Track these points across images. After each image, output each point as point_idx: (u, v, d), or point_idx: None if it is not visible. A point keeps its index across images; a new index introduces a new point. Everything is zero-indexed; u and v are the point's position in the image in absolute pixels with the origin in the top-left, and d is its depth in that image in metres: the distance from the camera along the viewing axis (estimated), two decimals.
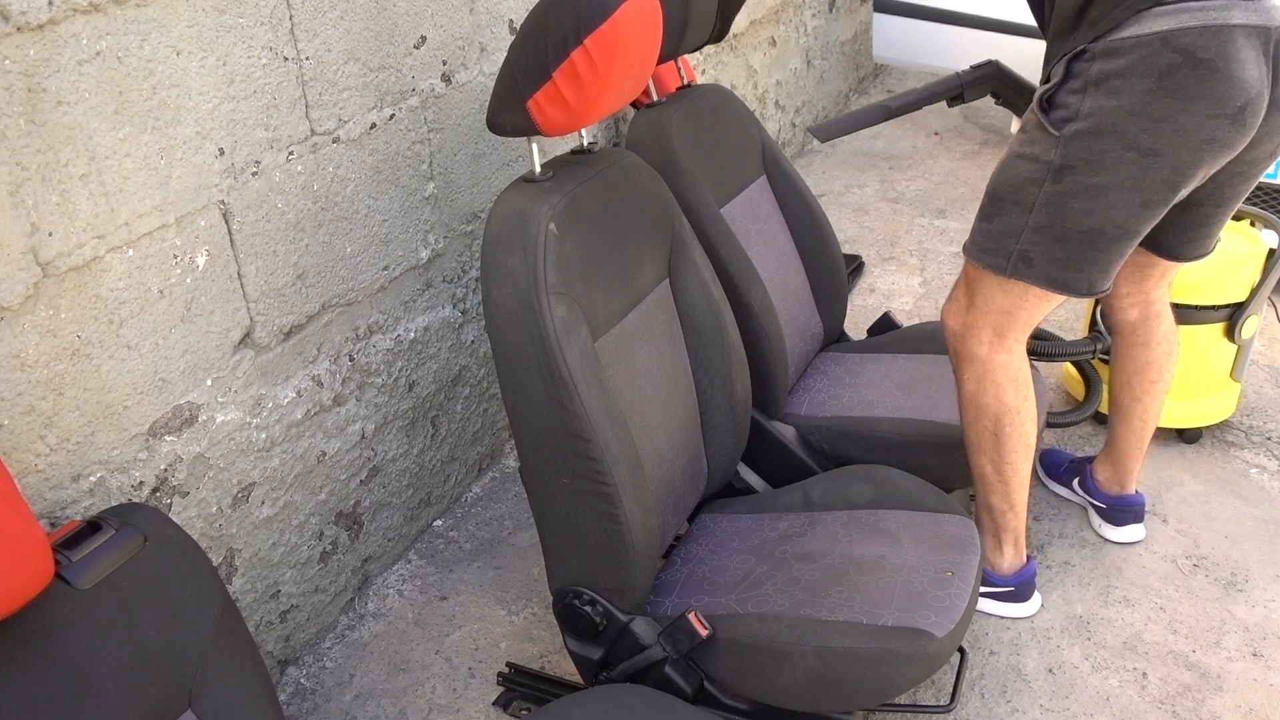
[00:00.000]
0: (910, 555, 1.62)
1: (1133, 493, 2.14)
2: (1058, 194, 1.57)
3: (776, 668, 1.51)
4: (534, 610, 2.06)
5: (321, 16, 1.72)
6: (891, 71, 5.23)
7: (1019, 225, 1.62)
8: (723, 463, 1.87)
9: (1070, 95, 1.54)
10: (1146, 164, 1.51)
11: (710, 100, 2.12)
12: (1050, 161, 1.56)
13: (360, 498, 2.04)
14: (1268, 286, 2.26)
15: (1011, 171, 1.63)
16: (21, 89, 1.28)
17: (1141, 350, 1.98)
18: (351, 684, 1.91)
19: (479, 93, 2.15)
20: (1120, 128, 1.50)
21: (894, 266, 3.40)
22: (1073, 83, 1.53)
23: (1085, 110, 1.52)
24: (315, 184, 1.78)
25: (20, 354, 1.34)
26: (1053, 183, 1.57)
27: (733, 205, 2.11)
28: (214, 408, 1.66)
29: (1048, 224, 1.59)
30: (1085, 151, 1.53)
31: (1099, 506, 2.17)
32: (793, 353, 2.18)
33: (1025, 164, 1.60)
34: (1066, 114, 1.54)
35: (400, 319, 2.07)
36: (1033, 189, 1.59)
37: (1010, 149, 1.65)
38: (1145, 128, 1.49)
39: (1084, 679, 1.85)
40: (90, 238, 1.40)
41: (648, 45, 1.51)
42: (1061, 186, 1.56)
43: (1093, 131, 1.52)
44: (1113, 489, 2.15)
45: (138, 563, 1.16)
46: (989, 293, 1.71)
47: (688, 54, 2.12)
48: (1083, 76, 1.52)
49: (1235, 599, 2.01)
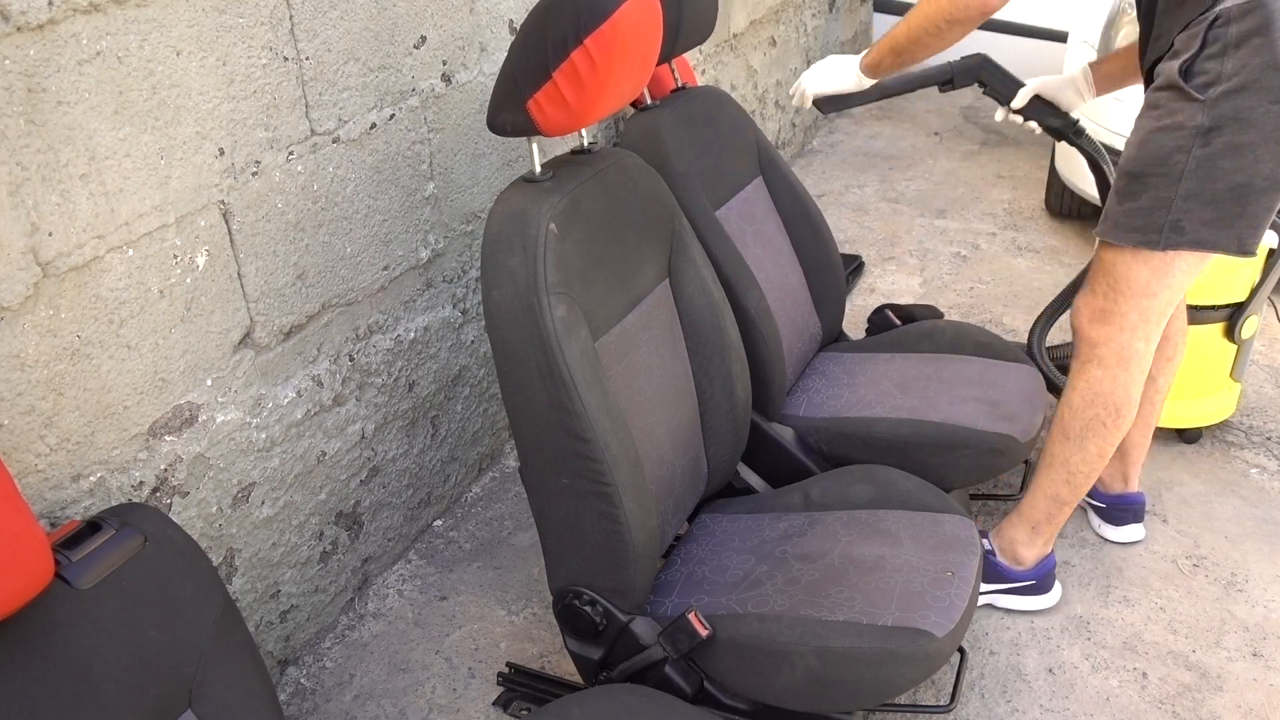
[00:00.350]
0: (910, 555, 1.62)
1: (1135, 491, 2.14)
2: (1206, 157, 1.60)
3: (776, 668, 1.51)
4: (534, 610, 2.06)
5: (321, 16, 1.72)
6: None
7: (1168, 196, 1.64)
8: (723, 463, 1.87)
9: (1209, 61, 1.57)
10: None
11: (705, 102, 2.12)
12: (1198, 126, 1.59)
13: (360, 498, 2.04)
14: (1268, 286, 2.26)
15: (1154, 145, 1.64)
16: (21, 89, 1.28)
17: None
18: (351, 684, 1.91)
19: (479, 93, 2.15)
20: (1266, 82, 1.54)
21: (894, 266, 3.40)
22: (1211, 48, 1.56)
23: (1228, 71, 1.55)
24: (315, 184, 1.78)
25: (20, 354, 1.34)
26: (1201, 146, 1.60)
27: (728, 207, 2.11)
28: (214, 408, 1.66)
29: (1198, 189, 1.62)
30: (1233, 110, 1.56)
31: (1098, 507, 2.17)
32: (790, 353, 2.18)
33: (1169, 135, 1.63)
34: (1209, 78, 1.57)
35: (400, 319, 2.07)
36: (1180, 156, 1.62)
37: (1143, 129, 1.67)
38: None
39: (1084, 679, 1.85)
40: (90, 238, 1.40)
41: (648, 45, 1.51)
42: (1210, 149, 1.59)
43: (1239, 89, 1.55)
44: (1115, 487, 2.14)
45: (138, 563, 1.16)
46: (1134, 275, 1.72)
47: (683, 55, 2.12)
48: (1220, 41, 1.55)
49: (1235, 599, 2.01)
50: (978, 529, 1.93)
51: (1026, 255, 3.44)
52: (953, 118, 4.69)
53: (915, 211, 3.81)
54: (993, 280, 3.29)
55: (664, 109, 2.01)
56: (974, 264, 3.40)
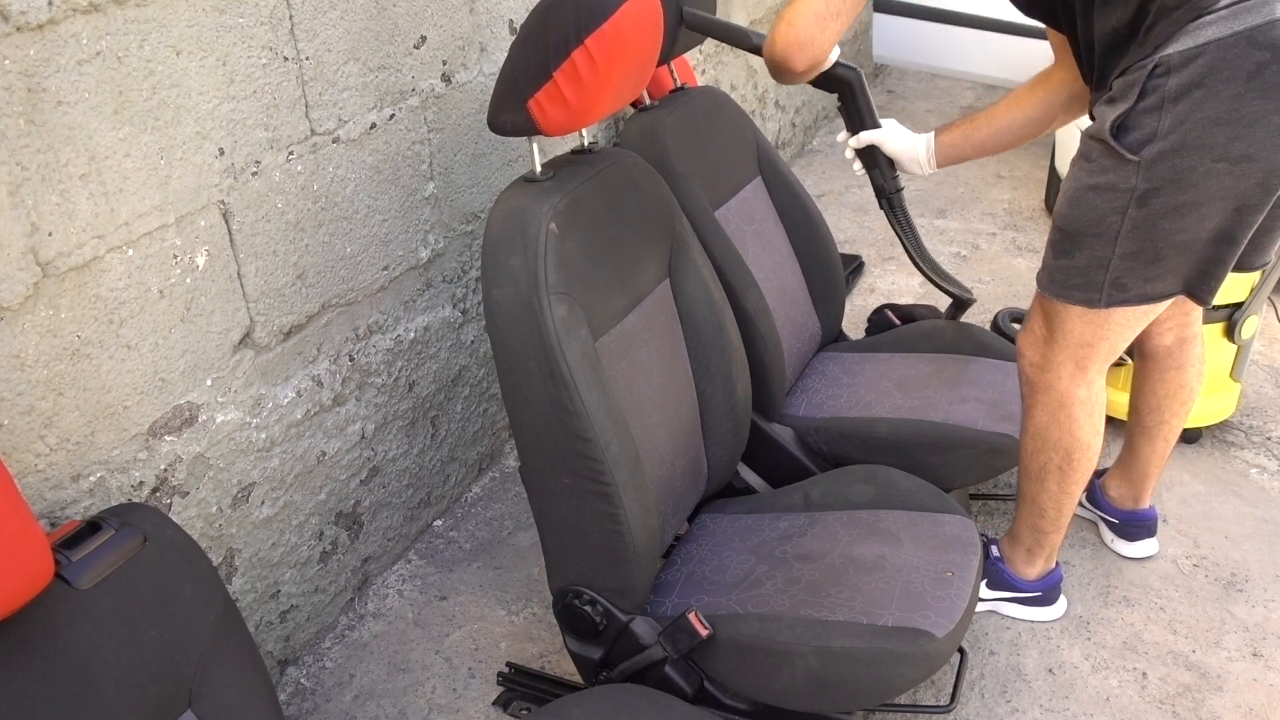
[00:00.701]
0: (910, 555, 1.62)
1: (1147, 507, 2.09)
2: (1144, 218, 1.49)
3: (776, 668, 1.51)
4: (534, 610, 2.06)
5: (321, 16, 1.72)
6: (891, 71, 5.23)
7: (1105, 255, 1.54)
8: (723, 463, 1.87)
9: (1146, 116, 1.44)
10: (1240, 172, 1.43)
11: (704, 102, 2.12)
12: (1132, 188, 1.47)
13: (360, 498, 2.04)
14: (1267, 286, 2.26)
15: (1086, 205, 1.53)
16: (21, 89, 1.28)
17: (1176, 374, 1.91)
18: (351, 684, 1.91)
19: (479, 93, 2.15)
20: (1207, 139, 1.41)
21: (894, 266, 3.40)
22: (1147, 100, 1.43)
23: (1165, 128, 1.43)
24: (315, 184, 1.78)
25: (20, 354, 1.34)
26: (1137, 208, 1.48)
27: (727, 207, 2.11)
28: (214, 408, 1.66)
29: (1138, 249, 1.52)
30: (1170, 172, 1.44)
31: (1111, 522, 2.12)
32: (790, 353, 2.18)
33: (1101, 195, 1.51)
34: (1143, 135, 1.45)
35: (400, 319, 2.07)
36: (1115, 218, 1.51)
37: (1075, 182, 1.55)
38: (1235, 135, 1.41)
39: (1084, 679, 1.85)
40: (90, 238, 1.40)
41: (648, 45, 1.51)
42: (1148, 210, 1.48)
43: (1177, 149, 1.43)
44: (1126, 505, 2.09)
45: (138, 563, 1.16)
46: (1069, 325, 1.64)
47: (682, 55, 2.12)
48: (1158, 93, 1.42)
49: (1235, 599, 2.01)
50: (984, 534, 1.94)
51: (1026, 255, 3.44)
52: (952, 118, 4.68)
53: (915, 211, 3.79)
54: (993, 280, 3.29)
55: (663, 109, 2.02)
56: (974, 264, 3.40)
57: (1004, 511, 2.26)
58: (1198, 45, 1.39)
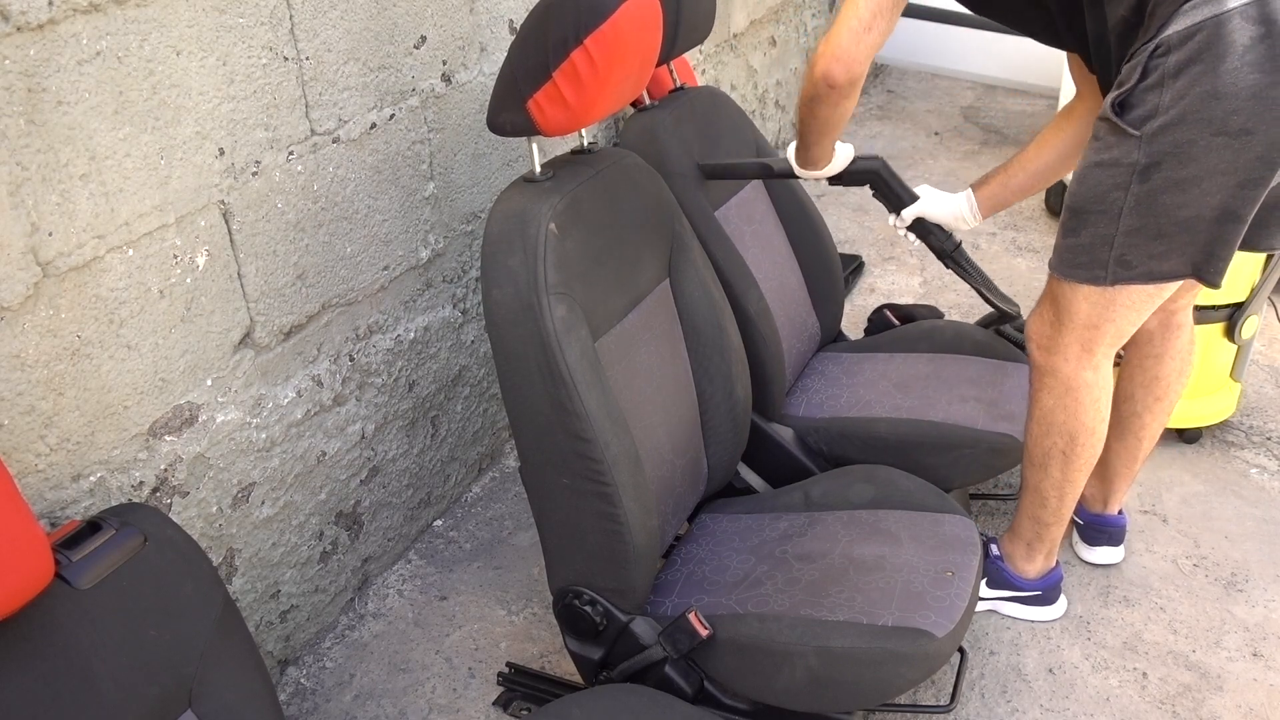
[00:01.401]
0: (910, 555, 1.63)
1: (1115, 514, 2.07)
2: (1146, 193, 1.52)
3: (776, 668, 1.51)
4: (534, 610, 2.06)
5: (321, 16, 1.72)
6: (891, 71, 5.23)
7: (1109, 233, 1.56)
8: (723, 463, 1.87)
9: (1147, 93, 1.48)
10: (1239, 145, 1.45)
11: (703, 103, 2.12)
12: (1134, 163, 1.51)
13: (360, 498, 2.04)
14: (1268, 286, 2.26)
15: (1091, 182, 1.57)
16: (21, 89, 1.28)
17: (1154, 363, 1.91)
18: (351, 684, 1.91)
19: (479, 93, 2.15)
20: (1206, 113, 1.44)
21: (894, 266, 3.40)
22: (1149, 79, 1.47)
23: (1165, 104, 1.46)
24: (315, 184, 1.78)
25: (20, 354, 1.34)
26: (1139, 183, 1.51)
27: (727, 207, 2.11)
28: (214, 408, 1.66)
29: (1140, 225, 1.54)
30: (1171, 145, 1.47)
31: (1076, 523, 2.11)
32: (790, 354, 2.18)
33: (1104, 171, 1.54)
34: (1145, 111, 1.48)
35: (400, 319, 2.07)
36: (1118, 194, 1.54)
37: (1084, 160, 1.59)
38: (1234, 109, 1.43)
39: (1084, 679, 1.85)
40: (90, 238, 1.40)
41: (648, 45, 1.51)
42: (1149, 185, 1.51)
43: (1177, 123, 1.46)
44: (1095, 506, 2.07)
45: (138, 563, 1.16)
46: (1076, 306, 1.65)
47: (682, 55, 2.12)
48: (1159, 71, 1.46)
49: (1235, 599, 2.01)
50: (984, 534, 1.94)
51: (1026, 255, 3.44)
52: (953, 118, 4.69)
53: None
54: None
55: (663, 109, 2.02)
56: None
57: (1004, 511, 2.26)
58: (1195, 24, 1.42)
